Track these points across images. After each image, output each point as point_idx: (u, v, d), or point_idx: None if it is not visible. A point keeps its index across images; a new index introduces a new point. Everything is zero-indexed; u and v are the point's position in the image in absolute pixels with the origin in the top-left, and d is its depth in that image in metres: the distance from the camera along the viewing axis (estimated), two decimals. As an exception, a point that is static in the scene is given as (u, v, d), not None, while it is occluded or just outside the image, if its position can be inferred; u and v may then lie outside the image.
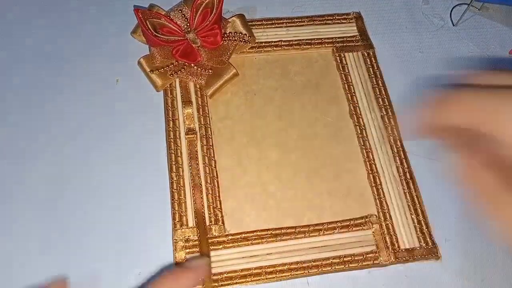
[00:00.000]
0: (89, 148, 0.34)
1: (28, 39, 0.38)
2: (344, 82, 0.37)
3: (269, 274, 0.30)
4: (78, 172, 0.32)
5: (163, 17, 0.35)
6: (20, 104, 0.35)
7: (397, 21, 0.42)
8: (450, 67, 0.40)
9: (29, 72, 0.36)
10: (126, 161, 0.33)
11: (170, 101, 0.35)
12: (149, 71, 0.35)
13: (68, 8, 0.39)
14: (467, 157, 0.25)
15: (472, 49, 0.41)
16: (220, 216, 0.31)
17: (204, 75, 0.36)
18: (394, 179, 0.34)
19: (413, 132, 0.25)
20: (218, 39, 0.36)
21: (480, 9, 0.40)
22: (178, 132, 0.34)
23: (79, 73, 0.36)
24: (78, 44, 0.38)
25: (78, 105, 0.35)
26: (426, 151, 0.35)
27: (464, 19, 0.40)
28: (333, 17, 0.40)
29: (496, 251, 0.32)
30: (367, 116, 0.36)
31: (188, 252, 0.30)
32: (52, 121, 0.34)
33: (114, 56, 0.37)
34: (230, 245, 0.31)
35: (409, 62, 0.40)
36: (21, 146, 0.33)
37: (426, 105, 0.24)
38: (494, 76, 0.23)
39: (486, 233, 0.33)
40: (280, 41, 0.38)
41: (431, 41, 0.41)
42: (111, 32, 0.38)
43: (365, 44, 0.39)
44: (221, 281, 0.30)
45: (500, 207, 0.24)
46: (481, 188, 0.24)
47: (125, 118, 0.35)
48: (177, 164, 0.33)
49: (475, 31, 0.41)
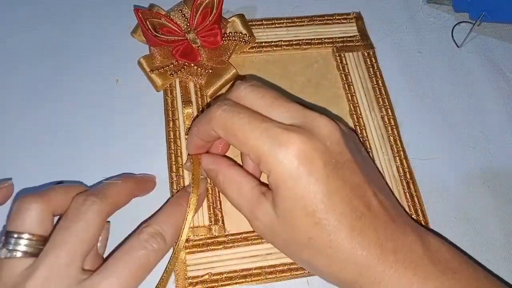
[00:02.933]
0: (89, 148, 0.34)
1: (27, 39, 0.38)
2: (344, 82, 0.37)
3: (269, 274, 0.30)
4: (78, 172, 0.32)
5: (163, 17, 0.35)
6: (19, 104, 0.35)
7: (397, 21, 0.42)
8: (450, 67, 0.40)
9: (29, 72, 0.36)
10: (126, 161, 0.33)
11: (170, 101, 0.35)
12: (149, 71, 0.35)
13: (68, 8, 0.39)
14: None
15: (472, 50, 0.41)
16: (220, 216, 0.31)
17: (204, 75, 0.36)
18: (394, 179, 0.34)
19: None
20: (218, 39, 0.36)
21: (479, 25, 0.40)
22: (178, 132, 0.34)
23: (79, 73, 0.36)
24: (78, 44, 0.38)
25: (77, 105, 0.35)
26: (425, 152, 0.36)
27: (469, 39, 0.41)
28: (333, 17, 0.40)
29: (497, 253, 0.32)
30: (367, 116, 0.36)
31: (188, 252, 0.30)
32: (51, 121, 0.34)
33: (114, 56, 0.37)
34: (230, 245, 0.31)
35: (409, 62, 0.40)
36: (21, 146, 0.33)
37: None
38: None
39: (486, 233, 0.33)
40: (280, 41, 0.38)
41: (431, 41, 0.41)
42: (111, 32, 0.38)
43: (365, 44, 0.39)
44: (221, 281, 0.30)
45: None
46: None
47: (125, 118, 0.35)
48: (177, 164, 0.33)
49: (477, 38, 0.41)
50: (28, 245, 0.25)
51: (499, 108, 0.38)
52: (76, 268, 0.25)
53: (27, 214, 0.25)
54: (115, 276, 0.25)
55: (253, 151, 0.25)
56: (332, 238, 0.24)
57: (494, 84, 0.39)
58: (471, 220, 0.33)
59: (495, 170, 0.35)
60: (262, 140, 0.24)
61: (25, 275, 0.24)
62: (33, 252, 0.25)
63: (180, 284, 0.29)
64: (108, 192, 0.28)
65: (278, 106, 0.26)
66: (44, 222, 0.26)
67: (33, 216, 0.25)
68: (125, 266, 0.25)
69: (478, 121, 0.37)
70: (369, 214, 0.25)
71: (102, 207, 0.26)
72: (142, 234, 0.27)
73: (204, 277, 0.30)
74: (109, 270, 0.25)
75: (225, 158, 0.30)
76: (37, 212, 0.25)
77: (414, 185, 0.34)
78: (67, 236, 0.25)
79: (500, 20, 0.40)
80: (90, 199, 0.26)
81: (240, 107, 0.26)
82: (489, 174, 0.35)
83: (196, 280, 0.29)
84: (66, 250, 0.25)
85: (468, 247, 0.32)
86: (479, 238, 0.33)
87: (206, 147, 0.30)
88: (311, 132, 0.24)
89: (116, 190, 0.29)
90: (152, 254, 0.26)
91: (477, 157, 0.36)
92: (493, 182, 0.35)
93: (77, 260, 0.25)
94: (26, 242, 0.25)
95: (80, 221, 0.25)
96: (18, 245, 0.25)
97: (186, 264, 0.30)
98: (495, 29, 0.42)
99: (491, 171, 0.35)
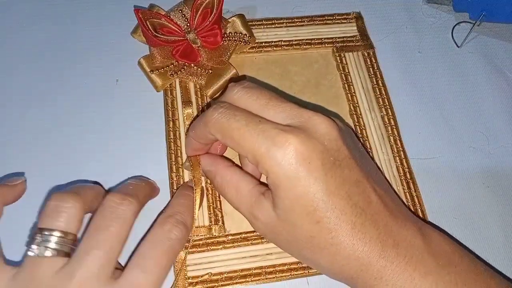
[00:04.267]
0: (89, 148, 0.34)
1: (27, 39, 0.38)
2: (344, 82, 0.37)
3: (269, 274, 0.30)
4: (78, 172, 0.32)
5: (163, 17, 0.35)
6: (19, 105, 0.35)
7: (397, 21, 0.42)
8: (450, 67, 0.40)
9: (28, 72, 0.36)
10: (125, 161, 0.33)
11: (170, 101, 0.35)
12: (149, 71, 0.35)
13: (68, 8, 0.39)
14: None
15: (472, 50, 0.41)
16: (220, 216, 0.31)
17: (204, 75, 0.36)
18: (394, 179, 0.34)
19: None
20: (218, 39, 0.36)
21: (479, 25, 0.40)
22: (178, 132, 0.34)
23: (79, 73, 0.36)
24: (78, 44, 0.38)
25: (77, 105, 0.35)
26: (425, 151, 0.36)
27: (469, 39, 0.41)
28: (333, 17, 0.40)
29: (497, 252, 0.32)
30: (367, 116, 0.36)
31: (188, 252, 0.30)
32: (51, 121, 0.34)
33: (114, 56, 0.37)
34: (230, 245, 0.31)
35: (409, 62, 0.40)
36: (21, 146, 0.33)
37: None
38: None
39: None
40: (280, 41, 0.38)
41: (431, 41, 0.41)
42: (111, 32, 0.38)
43: (365, 44, 0.39)
44: (221, 281, 0.30)
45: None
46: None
47: (124, 118, 0.35)
48: (177, 164, 0.33)
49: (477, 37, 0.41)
50: (60, 243, 0.24)
51: (499, 108, 0.38)
52: (113, 268, 0.25)
53: (65, 212, 0.25)
54: (148, 271, 0.25)
55: (251, 153, 0.25)
56: (334, 235, 0.24)
57: (494, 84, 0.39)
58: (471, 220, 0.33)
59: (495, 170, 0.35)
60: (259, 142, 0.24)
61: (63, 276, 0.24)
62: (65, 251, 0.25)
63: (180, 284, 0.29)
64: (138, 193, 0.28)
65: (273, 106, 0.26)
66: (80, 221, 0.26)
67: (71, 214, 0.25)
68: (156, 260, 0.25)
69: (478, 121, 0.37)
70: (369, 210, 0.25)
71: (138, 207, 0.27)
72: (166, 225, 0.27)
73: (204, 277, 0.30)
74: (142, 266, 0.25)
75: (224, 159, 0.30)
76: (75, 210, 0.25)
77: (414, 185, 0.34)
78: (108, 235, 0.25)
79: (500, 20, 0.40)
80: (127, 200, 0.26)
81: (235, 109, 0.26)
82: (489, 174, 0.35)
83: (196, 280, 0.29)
84: (106, 249, 0.24)
85: (468, 247, 0.32)
86: (479, 238, 0.33)
87: (204, 149, 0.30)
88: (308, 132, 0.24)
89: (143, 191, 0.29)
90: (177, 243, 0.27)
91: (477, 157, 0.36)
92: (493, 182, 0.35)
93: (114, 259, 0.25)
94: (58, 240, 0.24)
95: (120, 221, 0.25)
96: (50, 242, 0.24)
97: (186, 264, 0.30)
98: (495, 29, 0.42)
99: (491, 171, 0.35)
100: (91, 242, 0.25)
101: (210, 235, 0.31)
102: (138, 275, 0.25)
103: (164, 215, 0.28)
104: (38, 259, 0.24)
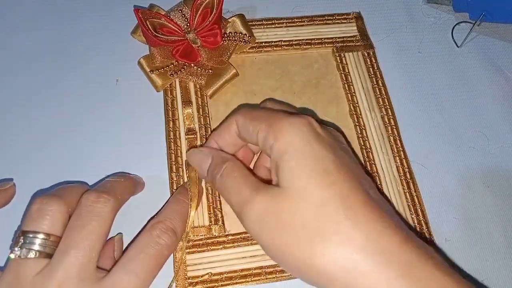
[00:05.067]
0: (89, 148, 0.34)
1: (27, 39, 0.38)
2: (344, 82, 0.37)
3: (269, 274, 0.30)
4: (78, 172, 0.32)
5: (163, 17, 0.35)
6: (18, 104, 0.35)
7: (397, 21, 0.42)
8: (450, 66, 0.40)
9: (29, 72, 0.36)
10: (126, 161, 0.33)
11: (170, 101, 0.35)
12: (149, 71, 0.35)
13: (68, 8, 0.39)
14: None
15: (472, 50, 0.41)
16: (220, 216, 0.31)
17: (204, 75, 0.36)
18: (394, 179, 0.34)
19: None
20: (218, 39, 0.36)
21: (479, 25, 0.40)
22: (178, 132, 0.34)
23: (79, 73, 0.36)
24: (78, 44, 0.38)
25: (77, 105, 0.35)
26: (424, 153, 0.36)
27: (469, 39, 0.41)
28: (333, 17, 0.40)
29: (497, 252, 0.32)
30: (367, 116, 0.36)
31: (188, 252, 0.30)
32: (51, 121, 0.34)
33: (114, 56, 0.37)
34: (230, 245, 0.31)
35: (409, 62, 0.40)
36: (21, 147, 0.33)
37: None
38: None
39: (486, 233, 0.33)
40: (280, 41, 0.38)
41: (431, 41, 0.41)
42: (111, 32, 0.38)
43: (365, 44, 0.39)
44: (221, 281, 0.30)
45: None
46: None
47: (125, 118, 0.35)
48: (177, 164, 0.33)
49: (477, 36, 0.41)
50: (43, 245, 0.25)
51: (499, 108, 0.38)
52: (94, 266, 0.25)
53: (49, 215, 0.25)
54: (134, 274, 0.25)
55: (265, 122, 0.25)
56: (347, 205, 0.22)
57: (494, 84, 0.39)
58: (471, 220, 0.33)
59: (495, 170, 0.35)
60: (274, 116, 0.26)
61: (44, 276, 0.24)
62: (48, 252, 0.25)
63: (180, 284, 0.29)
64: (116, 189, 0.28)
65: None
66: (64, 223, 0.26)
67: (55, 217, 0.25)
68: (142, 263, 0.25)
69: (478, 121, 0.37)
70: (370, 203, 0.24)
71: (115, 204, 0.27)
72: (154, 230, 0.27)
73: (204, 277, 0.30)
74: (127, 268, 0.25)
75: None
76: (59, 213, 0.25)
77: (414, 185, 0.34)
78: (85, 234, 0.25)
79: (500, 20, 0.40)
80: (103, 197, 0.26)
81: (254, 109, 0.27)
82: (489, 174, 0.35)
83: (196, 280, 0.29)
84: (84, 248, 0.24)
85: (468, 247, 0.32)
86: (479, 238, 0.33)
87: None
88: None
89: (122, 187, 0.29)
90: (165, 248, 0.27)
91: (477, 157, 0.36)
92: (493, 182, 0.35)
93: (95, 258, 0.25)
94: (41, 242, 0.25)
95: (97, 219, 0.25)
96: (33, 244, 0.24)
97: (186, 264, 0.30)
98: (495, 29, 0.42)
99: (491, 171, 0.35)
100: (69, 242, 0.25)
101: (210, 235, 0.31)
102: (123, 276, 0.25)
103: (155, 221, 0.28)
104: (21, 261, 0.24)
